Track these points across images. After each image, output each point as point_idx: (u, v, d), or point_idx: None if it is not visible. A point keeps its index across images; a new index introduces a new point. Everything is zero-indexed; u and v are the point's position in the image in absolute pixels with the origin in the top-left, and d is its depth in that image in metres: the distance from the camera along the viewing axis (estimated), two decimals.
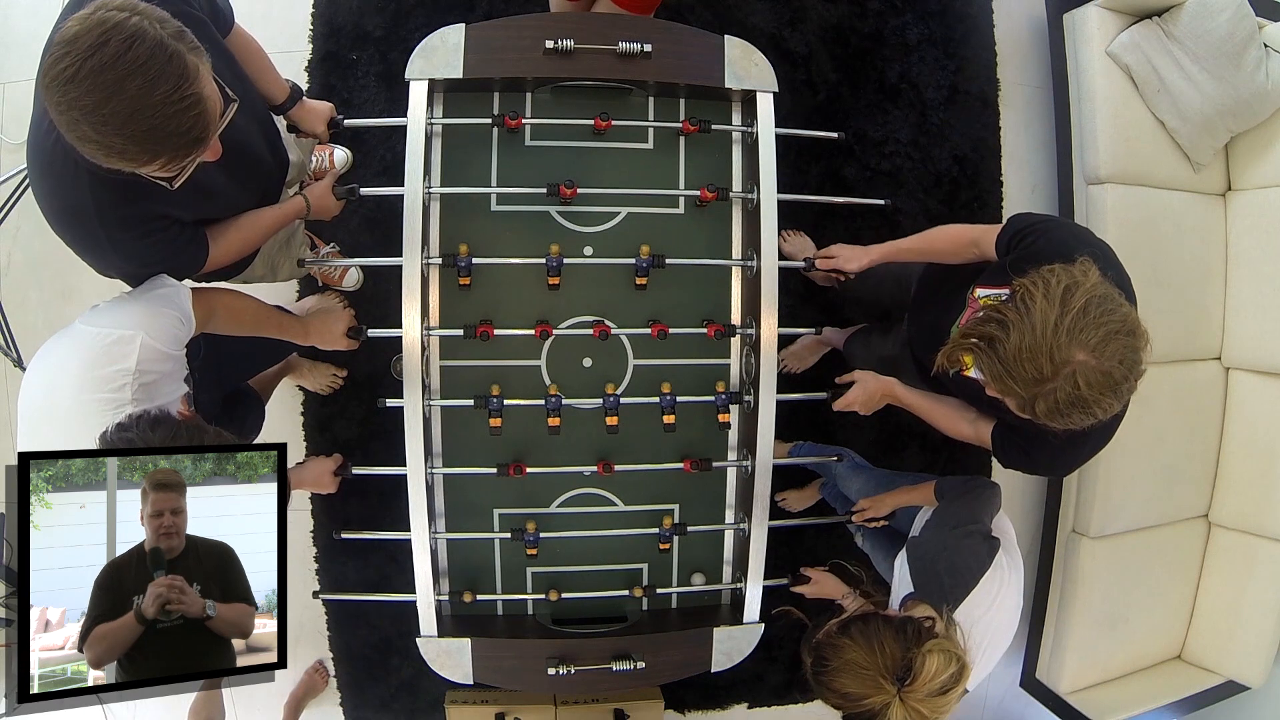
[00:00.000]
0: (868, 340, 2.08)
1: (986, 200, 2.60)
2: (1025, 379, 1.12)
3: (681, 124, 1.72)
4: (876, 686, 1.22)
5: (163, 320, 1.19)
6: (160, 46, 0.97)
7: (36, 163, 1.16)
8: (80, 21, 0.95)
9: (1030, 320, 1.11)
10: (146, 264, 1.27)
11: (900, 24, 2.51)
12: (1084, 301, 1.10)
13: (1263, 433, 2.45)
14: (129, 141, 0.98)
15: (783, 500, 2.34)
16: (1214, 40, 2.26)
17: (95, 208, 1.15)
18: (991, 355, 1.15)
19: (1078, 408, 1.12)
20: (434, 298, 1.73)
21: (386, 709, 2.47)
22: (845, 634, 1.28)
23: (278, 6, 2.31)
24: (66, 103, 0.95)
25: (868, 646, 1.25)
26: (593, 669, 1.69)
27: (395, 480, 1.66)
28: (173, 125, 1.00)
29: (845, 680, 1.25)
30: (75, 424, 1.10)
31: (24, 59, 2.30)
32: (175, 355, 1.22)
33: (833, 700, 1.28)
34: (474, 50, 1.63)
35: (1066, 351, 1.09)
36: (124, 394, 1.13)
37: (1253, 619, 2.46)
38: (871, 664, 1.23)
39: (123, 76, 0.95)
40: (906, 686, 1.21)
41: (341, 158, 2.26)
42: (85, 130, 0.97)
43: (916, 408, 1.66)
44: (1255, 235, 2.45)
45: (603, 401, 1.70)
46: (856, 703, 1.24)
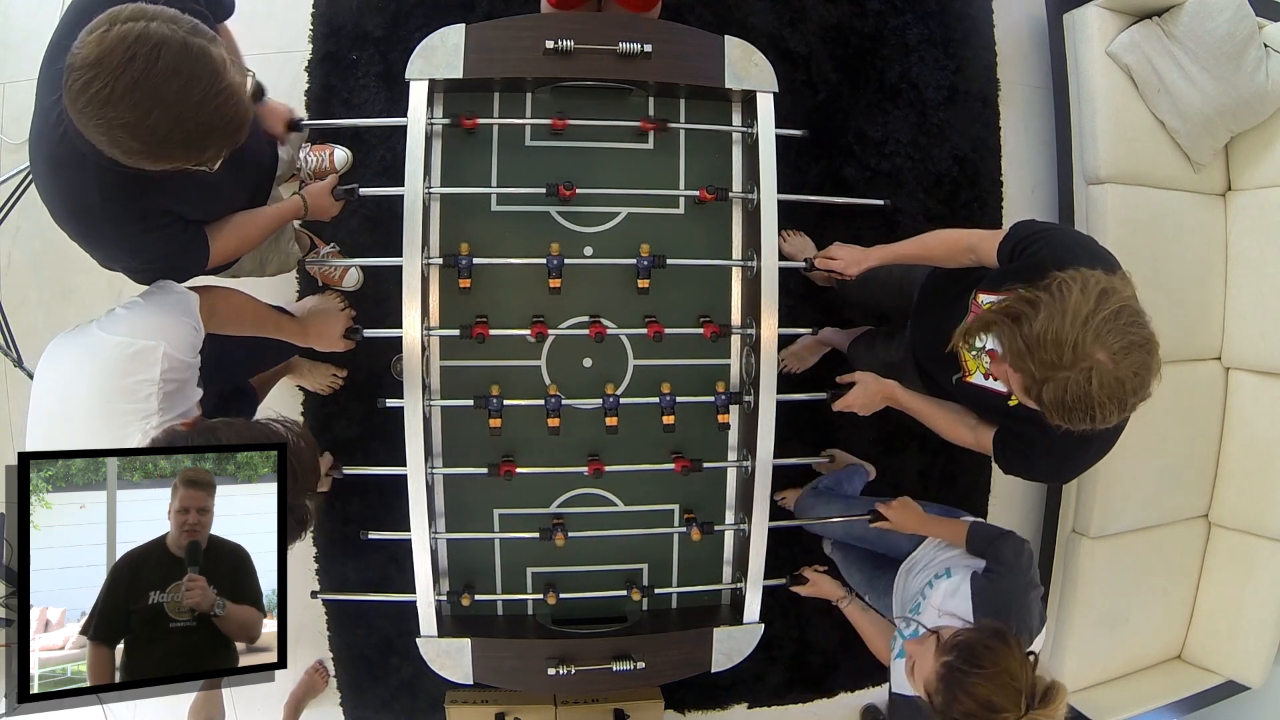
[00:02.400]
0: (872, 345, 2.09)
1: (986, 200, 2.60)
2: (1043, 361, 1.13)
3: (639, 122, 1.71)
4: (1015, 703, 1.21)
5: (181, 330, 1.20)
6: (185, 48, 0.98)
7: (42, 159, 1.17)
8: (98, 42, 0.95)
9: (1063, 306, 1.13)
10: (151, 259, 1.28)
11: (900, 24, 2.51)
12: (1118, 307, 1.13)
13: (1263, 433, 2.45)
14: (177, 145, 1.01)
15: (783, 500, 2.34)
16: (1214, 40, 2.26)
17: (104, 202, 1.16)
18: (1015, 331, 1.16)
19: (1082, 406, 1.13)
20: (434, 298, 1.73)
21: (386, 709, 2.46)
22: (1004, 641, 1.27)
23: (278, 6, 2.30)
24: (107, 123, 0.97)
25: (1021, 659, 1.25)
26: (593, 669, 1.69)
27: (395, 480, 1.66)
28: (217, 119, 1.02)
29: (991, 688, 1.22)
30: (96, 428, 1.11)
31: (24, 59, 2.30)
32: (193, 363, 1.23)
33: (964, 705, 1.24)
34: (474, 50, 1.63)
35: (1089, 346, 1.11)
36: (151, 404, 1.14)
37: (1253, 619, 2.46)
38: (1022, 679, 1.23)
39: (158, 86, 0.96)
40: (1038, 709, 1.21)
41: (341, 158, 2.26)
42: (131, 144, 0.99)
43: (917, 411, 1.66)
44: (1255, 235, 2.44)
45: (602, 402, 1.70)
46: (989, 715, 1.22)
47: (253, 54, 1.14)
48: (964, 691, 1.24)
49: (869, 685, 2.67)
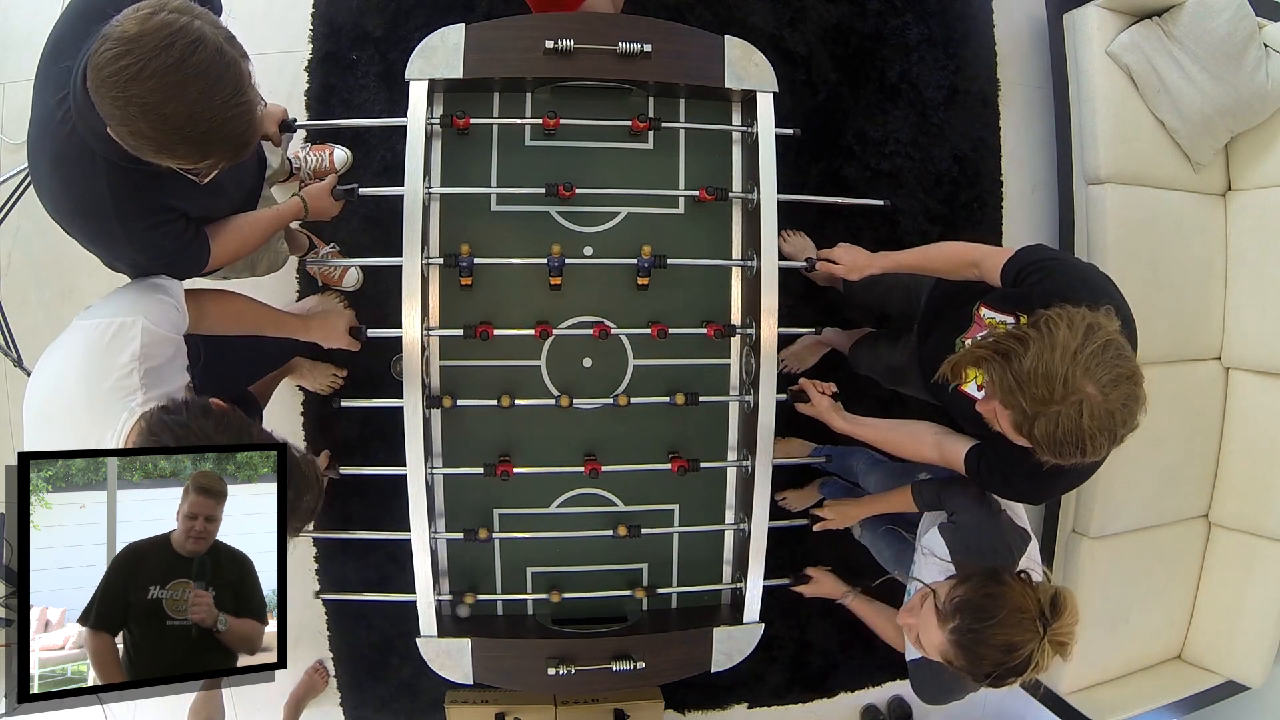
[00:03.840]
0: (874, 347, 2.08)
1: (986, 200, 2.60)
2: (1034, 397, 1.15)
3: (631, 121, 1.71)
4: (1034, 631, 1.24)
5: (160, 305, 1.21)
6: (220, 53, 1.01)
7: (47, 157, 1.17)
8: (141, 21, 0.97)
9: (1051, 342, 1.15)
10: (155, 256, 1.28)
11: (900, 24, 2.51)
12: (1104, 341, 1.16)
13: (1263, 433, 2.45)
14: (184, 141, 1.02)
15: (783, 500, 2.34)
16: (1214, 40, 2.25)
17: (112, 199, 1.17)
18: (1005, 368, 1.18)
19: (1073, 440, 1.15)
20: (434, 298, 1.74)
21: (386, 709, 2.47)
22: (999, 581, 1.29)
23: (278, 6, 2.30)
24: (126, 98, 0.98)
25: (1021, 588, 1.27)
26: (593, 669, 1.69)
27: (395, 480, 1.66)
28: (228, 129, 1.04)
29: (1009, 632, 1.24)
30: (84, 416, 1.11)
31: (24, 59, 2.29)
32: (175, 340, 1.22)
33: (991, 658, 1.25)
34: (474, 50, 1.63)
35: (1079, 381, 1.13)
36: (133, 380, 1.13)
37: (1253, 619, 2.46)
38: (1030, 606, 1.25)
39: (186, 80, 0.98)
40: (1054, 623, 1.24)
41: (341, 157, 2.26)
42: (141, 126, 1.00)
43: (866, 439, 1.67)
44: (1255, 235, 2.44)
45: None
46: (1015, 653, 1.23)
47: (253, 54, 1.14)
48: (985, 647, 1.26)
49: (869, 685, 2.67)
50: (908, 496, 1.68)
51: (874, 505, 1.83)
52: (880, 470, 2.05)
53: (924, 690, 1.57)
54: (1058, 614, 1.25)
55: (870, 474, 2.07)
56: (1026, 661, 1.24)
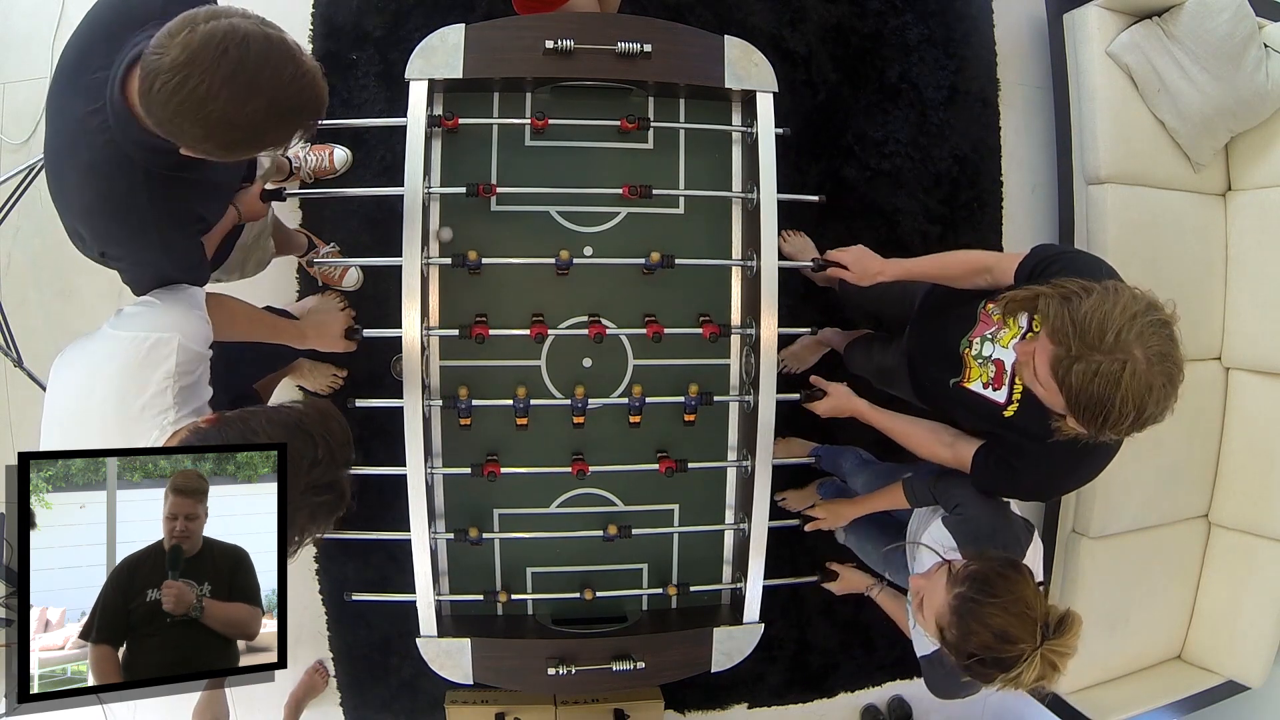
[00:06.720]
0: (868, 348, 2.09)
1: (986, 200, 2.60)
2: (1084, 340, 1.15)
3: (619, 121, 1.71)
4: (1031, 633, 1.21)
5: (194, 322, 1.21)
6: (265, 36, 1.02)
7: (78, 169, 1.18)
8: (186, 44, 0.98)
9: (1115, 299, 1.17)
10: (181, 262, 1.30)
11: (900, 24, 2.51)
12: (1163, 318, 1.19)
13: (1263, 433, 2.45)
14: (276, 127, 1.06)
15: (783, 500, 2.34)
16: (1214, 40, 2.25)
17: (152, 207, 1.19)
18: (1064, 307, 1.19)
19: (1104, 397, 1.14)
20: (434, 298, 1.73)
21: (386, 709, 2.47)
22: (1017, 570, 1.27)
23: (278, 6, 2.30)
24: (205, 117, 1.00)
25: (1035, 590, 1.25)
26: (593, 669, 1.69)
27: (395, 480, 1.66)
28: (305, 96, 1.06)
29: (1007, 619, 1.21)
30: (113, 429, 1.11)
31: (24, 59, 2.29)
32: (206, 355, 1.23)
33: (980, 638, 1.22)
34: (474, 50, 1.63)
35: (1130, 341, 1.14)
36: (166, 398, 1.14)
37: (1253, 619, 2.46)
38: (1036, 608, 1.22)
39: (254, 75, 1.00)
40: (1054, 638, 1.21)
41: (341, 157, 2.26)
42: (230, 136, 1.03)
43: (888, 428, 1.67)
44: (1255, 235, 2.44)
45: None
46: (1005, 646, 1.21)
47: None
48: (979, 623, 1.23)
49: (869, 685, 2.68)
50: (899, 494, 1.68)
51: (866, 504, 1.83)
52: (868, 470, 2.06)
53: (936, 683, 1.56)
54: (1060, 631, 1.22)
55: (858, 474, 2.08)
56: (1014, 660, 1.21)
